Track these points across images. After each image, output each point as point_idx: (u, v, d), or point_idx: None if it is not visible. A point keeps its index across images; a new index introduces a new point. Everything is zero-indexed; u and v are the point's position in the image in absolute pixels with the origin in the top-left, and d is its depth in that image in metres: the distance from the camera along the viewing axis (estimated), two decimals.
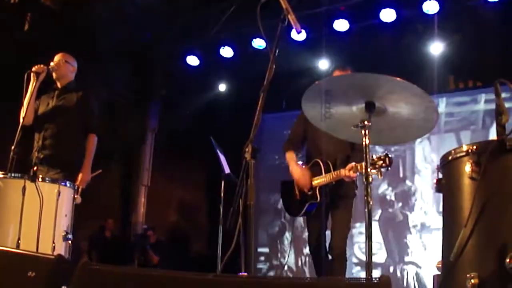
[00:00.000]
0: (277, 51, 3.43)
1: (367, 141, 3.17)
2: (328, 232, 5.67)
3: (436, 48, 8.97)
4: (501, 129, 2.72)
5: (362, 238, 5.71)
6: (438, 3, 8.14)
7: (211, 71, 10.65)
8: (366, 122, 3.16)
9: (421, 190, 9.66)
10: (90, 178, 5.82)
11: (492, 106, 2.87)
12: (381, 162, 4.77)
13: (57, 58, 6.04)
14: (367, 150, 3.17)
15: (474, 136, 9.19)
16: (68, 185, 5.14)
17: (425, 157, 9.74)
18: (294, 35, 8.70)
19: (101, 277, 2.63)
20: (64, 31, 8.21)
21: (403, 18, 8.58)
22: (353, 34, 8.90)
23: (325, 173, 5.56)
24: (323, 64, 9.57)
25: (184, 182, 11.48)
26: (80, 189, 5.44)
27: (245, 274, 5.28)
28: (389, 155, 4.67)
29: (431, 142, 9.66)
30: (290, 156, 5.95)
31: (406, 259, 9.49)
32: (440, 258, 3.15)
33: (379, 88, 3.08)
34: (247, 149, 3.26)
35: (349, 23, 8.69)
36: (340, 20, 8.66)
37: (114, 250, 9.94)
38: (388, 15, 8.42)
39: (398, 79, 2.97)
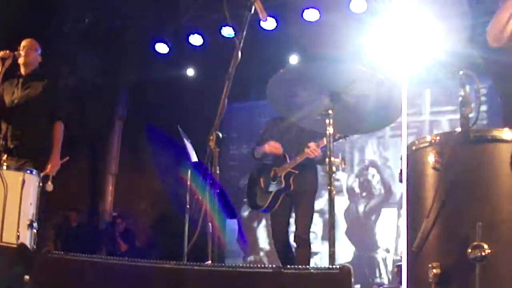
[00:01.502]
0: (243, 39, 3.43)
1: (331, 130, 3.17)
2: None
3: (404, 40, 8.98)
4: (464, 120, 2.73)
5: None
6: None
7: (180, 59, 10.57)
8: (330, 111, 3.16)
9: (373, 182, 9.80)
10: (59, 165, 5.79)
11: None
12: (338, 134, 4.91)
13: (25, 44, 5.95)
14: (331, 139, 3.17)
15: None
16: (33, 173, 5.09)
17: (374, 151, 9.90)
18: (264, 24, 8.69)
19: (63, 266, 2.61)
20: (31, 16, 8.10)
21: (373, 9, 8.60)
22: (323, 24, 8.89)
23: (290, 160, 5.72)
24: (293, 56, 9.53)
25: (152, 170, 11.42)
26: (51, 177, 5.42)
27: (209, 262, 5.30)
28: None
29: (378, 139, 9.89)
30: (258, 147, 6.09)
31: (357, 249, 9.66)
32: (403, 248, 3.18)
33: (344, 77, 3.08)
34: (211, 137, 3.27)
35: (319, 13, 8.67)
36: (310, 9, 8.64)
37: (82, 239, 9.89)
38: (358, 6, 8.44)
39: (362, 67, 2.97)
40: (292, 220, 5.92)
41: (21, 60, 5.87)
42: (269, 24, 8.78)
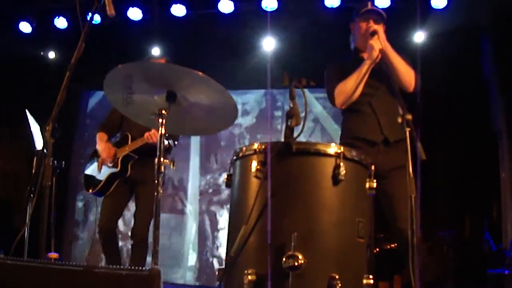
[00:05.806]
0: (88, 29, 3.40)
1: (163, 130, 3.15)
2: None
3: (270, 44, 9.09)
4: (288, 131, 2.81)
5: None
6: (277, 1, 8.29)
7: (44, 40, 10.20)
8: (163, 111, 3.15)
9: (222, 186, 9.96)
10: None
11: None
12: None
13: None
14: (162, 139, 3.15)
15: None
16: None
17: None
18: (130, 14, 8.59)
19: None
20: None
21: (241, 11, 8.64)
22: (190, 20, 8.85)
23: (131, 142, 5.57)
24: (156, 50, 9.40)
25: (6, 152, 10.94)
26: None
27: (55, 255, 5.16)
28: None
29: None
30: (100, 136, 5.83)
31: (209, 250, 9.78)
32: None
33: (181, 80, 3.08)
34: (47, 128, 3.19)
35: (186, 9, 8.60)
36: (178, 5, 8.55)
37: None
38: (226, 6, 8.46)
39: (199, 73, 2.99)
40: (125, 212, 5.68)
41: None
42: (135, 14, 8.64)
